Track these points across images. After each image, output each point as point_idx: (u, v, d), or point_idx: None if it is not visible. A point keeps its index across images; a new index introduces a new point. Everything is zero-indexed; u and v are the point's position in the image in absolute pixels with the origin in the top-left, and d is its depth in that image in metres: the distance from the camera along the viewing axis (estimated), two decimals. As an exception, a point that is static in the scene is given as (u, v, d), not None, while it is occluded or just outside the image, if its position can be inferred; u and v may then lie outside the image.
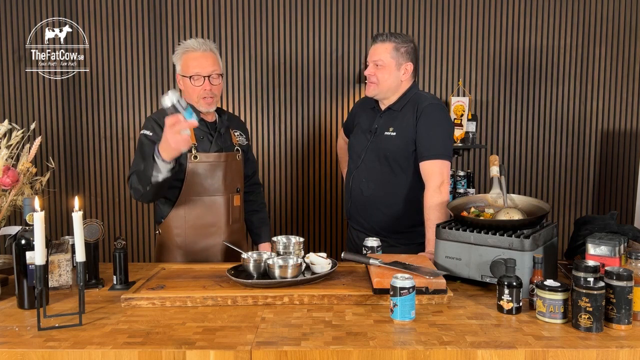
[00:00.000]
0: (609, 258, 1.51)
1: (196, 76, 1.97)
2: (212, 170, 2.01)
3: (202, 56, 1.98)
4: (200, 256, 2.04)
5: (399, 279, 1.40)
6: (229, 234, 2.06)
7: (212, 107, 2.03)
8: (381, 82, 2.08)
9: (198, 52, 1.98)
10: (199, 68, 1.97)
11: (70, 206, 1.47)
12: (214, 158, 2.01)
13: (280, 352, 1.23)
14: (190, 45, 1.99)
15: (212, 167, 2.01)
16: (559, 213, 3.50)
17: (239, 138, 2.18)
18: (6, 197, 1.86)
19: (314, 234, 3.52)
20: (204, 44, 2.00)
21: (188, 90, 2.01)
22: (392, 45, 2.06)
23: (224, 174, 2.03)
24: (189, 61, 1.98)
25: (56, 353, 1.24)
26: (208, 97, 1.99)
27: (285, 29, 3.38)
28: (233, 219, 2.07)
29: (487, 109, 3.45)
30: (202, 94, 1.98)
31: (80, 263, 1.40)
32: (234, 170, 2.08)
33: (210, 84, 1.98)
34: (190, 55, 1.99)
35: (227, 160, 2.04)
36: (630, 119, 3.45)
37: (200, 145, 2.01)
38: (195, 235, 2.03)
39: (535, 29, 3.38)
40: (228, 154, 2.06)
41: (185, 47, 2.01)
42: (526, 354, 1.23)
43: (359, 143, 2.21)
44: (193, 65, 1.97)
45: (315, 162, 3.48)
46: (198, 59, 1.97)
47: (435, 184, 1.99)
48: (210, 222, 2.03)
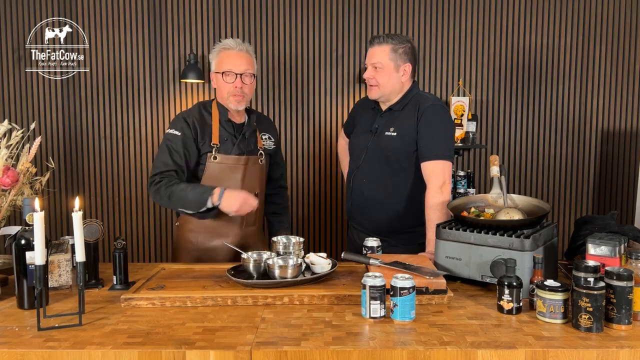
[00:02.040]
0: (609, 258, 1.51)
1: (229, 72, 2.00)
2: (230, 172, 2.02)
3: (237, 55, 2.02)
4: (210, 255, 2.06)
5: (399, 279, 1.40)
6: (241, 237, 2.07)
7: (241, 105, 2.04)
8: (382, 85, 2.08)
9: (234, 50, 2.02)
10: (232, 65, 2.00)
11: (70, 206, 1.47)
12: (233, 161, 2.03)
13: (280, 352, 1.23)
14: (227, 44, 2.04)
15: (230, 169, 2.02)
16: (559, 213, 3.50)
17: (267, 141, 2.17)
18: (6, 197, 1.85)
19: (314, 234, 3.52)
20: (240, 44, 2.04)
21: (220, 87, 2.04)
22: (389, 47, 2.06)
23: (242, 177, 2.04)
24: (223, 58, 2.02)
25: (56, 353, 1.24)
26: (238, 94, 2.01)
27: (285, 29, 3.38)
28: (247, 222, 2.08)
29: (487, 109, 3.45)
30: (233, 91, 2.00)
31: (80, 263, 1.40)
32: (254, 174, 2.08)
33: (242, 82, 2.01)
34: (225, 53, 2.02)
35: (248, 164, 2.05)
36: (630, 119, 3.45)
37: (223, 146, 2.03)
38: (207, 234, 2.05)
39: (535, 29, 3.38)
40: (249, 157, 2.06)
41: (222, 45, 2.05)
42: (526, 354, 1.23)
43: (359, 143, 2.20)
44: (227, 62, 2.01)
45: (316, 162, 3.48)
46: (232, 56, 2.01)
47: (436, 184, 1.99)
48: (223, 223, 2.04)
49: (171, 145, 1.98)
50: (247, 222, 2.08)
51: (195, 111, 2.06)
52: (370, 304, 1.40)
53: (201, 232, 2.06)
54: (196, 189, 1.92)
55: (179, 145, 1.97)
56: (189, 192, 1.91)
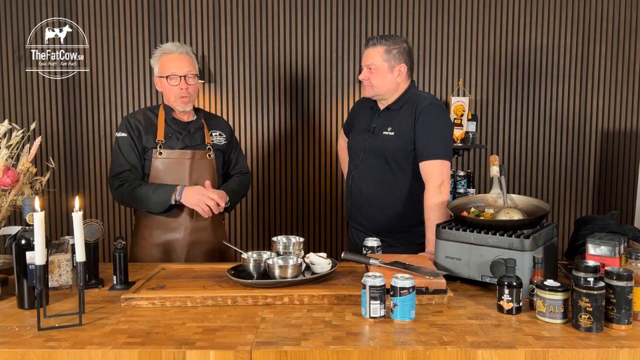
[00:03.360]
0: (609, 258, 1.51)
1: (172, 76, 2.06)
2: (176, 166, 2.08)
3: (178, 57, 2.08)
4: (164, 249, 2.11)
5: (399, 279, 1.40)
6: (192, 230, 2.11)
7: (188, 106, 2.12)
8: (376, 87, 2.09)
9: (174, 54, 2.09)
10: (175, 68, 2.07)
11: (70, 206, 1.47)
12: (178, 155, 2.09)
13: (280, 352, 1.23)
14: (167, 48, 2.10)
15: (176, 163, 2.09)
16: (559, 213, 3.50)
17: (217, 137, 2.22)
18: (6, 197, 1.85)
19: (314, 234, 3.52)
20: (180, 47, 2.10)
21: (165, 91, 2.11)
22: (383, 48, 2.07)
23: (189, 172, 2.10)
24: (165, 62, 2.09)
25: (56, 353, 1.24)
26: (184, 95, 2.08)
27: (285, 29, 3.38)
28: (197, 216, 2.10)
29: (487, 109, 3.45)
30: (179, 93, 2.07)
31: (80, 263, 1.40)
32: (202, 168, 2.13)
33: (186, 83, 2.07)
34: (166, 57, 2.09)
35: (194, 158, 2.11)
36: (630, 119, 3.45)
37: (168, 142, 2.10)
38: (159, 229, 2.11)
39: (535, 28, 3.38)
40: (195, 151, 2.12)
41: (163, 50, 2.11)
42: (526, 354, 1.23)
43: (357, 143, 2.21)
44: (169, 66, 2.07)
45: (315, 162, 3.48)
46: (174, 59, 2.08)
47: (435, 184, 1.99)
48: (173, 218, 2.09)
49: (120, 147, 2.08)
50: (197, 216, 2.09)
51: (140, 113, 2.16)
52: (370, 303, 1.40)
53: (154, 228, 2.11)
54: (158, 191, 2.01)
55: (127, 146, 2.07)
56: (151, 195, 2.01)
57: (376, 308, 1.40)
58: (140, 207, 2.07)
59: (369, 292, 1.40)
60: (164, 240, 2.11)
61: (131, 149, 2.08)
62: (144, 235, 2.13)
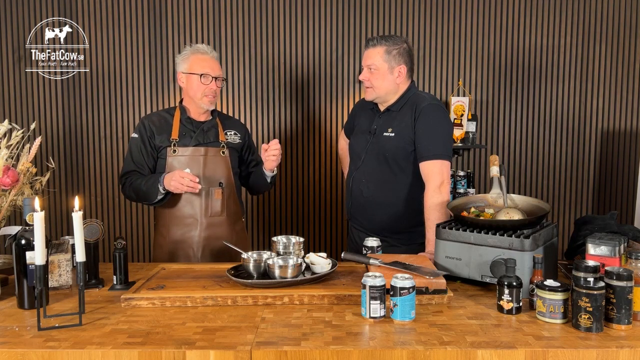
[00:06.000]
0: (609, 258, 1.51)
1: (207, 75, 2.14)
2: (190, 163, 2.12)
3: (212, 60, 2.19)
4: (181, 247, 2.15)
5: (399, 279, 1.40)
6: (206, 227, 2.15)
7: (212, 105, 2.20)
8: (376, 87, 2.09)
9: (208, 55, 2.18)
10: (209, 69, 2.15)
11: (70, 206, 1.47)
12: (192, 152, 2.14)
13: (280, 352, 1.23)
14: (201, 48, 2.18)
15: (190, 161, 2.13)
16: (559, 213, 3.50)
17: (232, 137, 2.27)
18: (6, 197, 1.85)
19: (314, 234, 3.52)
20: (212, 51, 2.21)
21: (193, 87, 2.16)
22: (383, 48, 2.07)
23: (203, 168, 2.14)
24: (199, 61, 2.16)
25: (56, 353, 1.24)
26: (211, 95, 2.16)
27: (285, 29, 3.38)
28: (212, 212, 2.15)
29: (487, 109, 3.45)
30: (208, 92, 2.15)
31: (80, 263, 1.40)
32: (216, 164, 2.17)
33: (216, 85, 2.17)
34: (200, 56, 2.17)
35: (207, 155, 2.16)
36: (630, 119, 3.45)
37: (182, 140, 2.16)
38: (175, 225, 2.15)
39: (535, 28, 3.38)
40: (209, 148, 2.17)
41: (196, 48, 2.19)
42: (526, 354, 1.23)
43: (358, 144, 2.21)
44: (203, 65, 2.15)
45: (315, 162, 3.48)
46: (208, 61, 2.17)
47: (435, 184, 1.99)
48: (188, 213, 2.14)
49: (132, 148, 2.17)
50: (212, 211, 2.15)
51: (155, 114, 2.24)
52: (370, 303, 1.40)
53: (171, 225, 2.16)
54: (148, 182, 2.08)
55: (138, 147, 2.15)
56: (142, 186, 2.08)
57: (376, 308, 1.40)
58: (142, 200, 2.13)
59: (369, 292, 1.40)
60: (181, 236, 2.15)
61: (140, 150, 2.15)
62: (162, 233, 2.20)
